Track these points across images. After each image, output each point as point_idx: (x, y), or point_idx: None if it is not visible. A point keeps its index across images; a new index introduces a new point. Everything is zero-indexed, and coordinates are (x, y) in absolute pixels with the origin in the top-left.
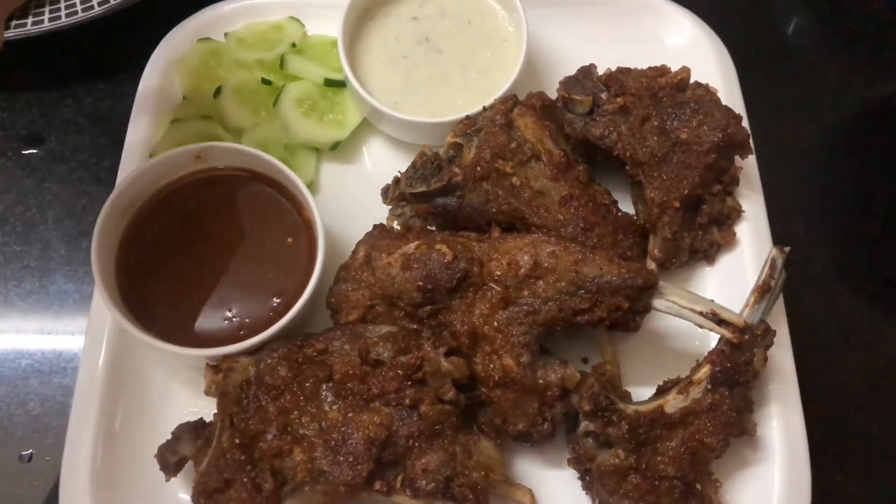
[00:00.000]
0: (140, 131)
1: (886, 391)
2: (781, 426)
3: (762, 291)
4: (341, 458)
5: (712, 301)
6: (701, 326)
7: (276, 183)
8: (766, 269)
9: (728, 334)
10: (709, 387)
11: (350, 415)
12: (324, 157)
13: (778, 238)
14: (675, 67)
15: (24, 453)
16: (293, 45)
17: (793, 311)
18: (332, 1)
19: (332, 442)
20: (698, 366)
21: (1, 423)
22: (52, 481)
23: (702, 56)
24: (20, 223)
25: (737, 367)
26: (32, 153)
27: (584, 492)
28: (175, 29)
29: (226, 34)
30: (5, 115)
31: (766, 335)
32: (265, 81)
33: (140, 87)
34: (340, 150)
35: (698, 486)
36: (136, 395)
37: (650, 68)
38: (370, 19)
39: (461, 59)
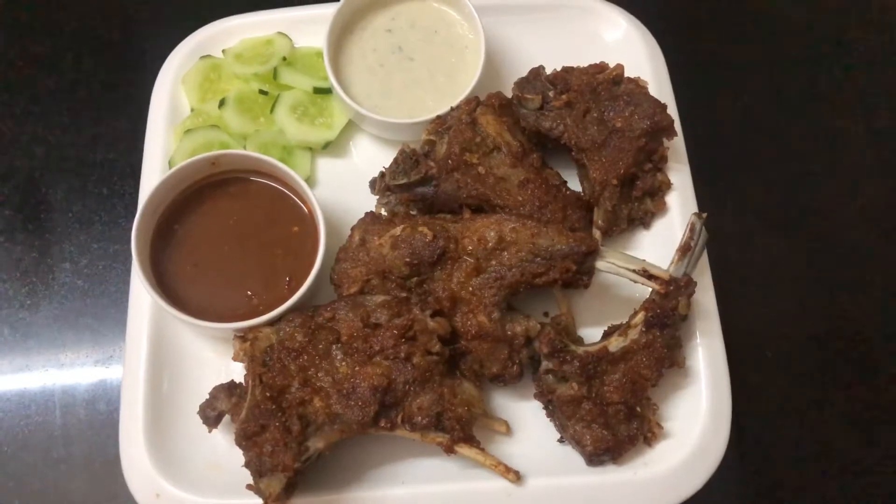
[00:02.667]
0: (157, 142)
1: (792, 321)
2: (706, 355)
3: (683, 250)
4: (352, 402)
5: (644, 260)
6: (635, 282)
7: (281, 180)
8: (687, 232)
9: (656, 286)
10: (643, 329)
11: (357, 368)
12: (317, 156)
13: (705, 202)
14: (613, 61)
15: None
16: (284, 58)
17: (718, 261)
18: (315, 16)
19: (344, 390)
20: (635, 313)
21: (69, 391)
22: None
23: (635, 49)
24: (74, 231)
25: (665, 312)
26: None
27: (548, 419)
28: (177, 48)
29: (223, 51)
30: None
31: (688, 286)
32: (262, 92)
33: (151, 103)
34: (331, 148)
35: (639, 409)
36: (176, 365)
37: (590, 66)
38: (350, 33)
39: (430, 65)
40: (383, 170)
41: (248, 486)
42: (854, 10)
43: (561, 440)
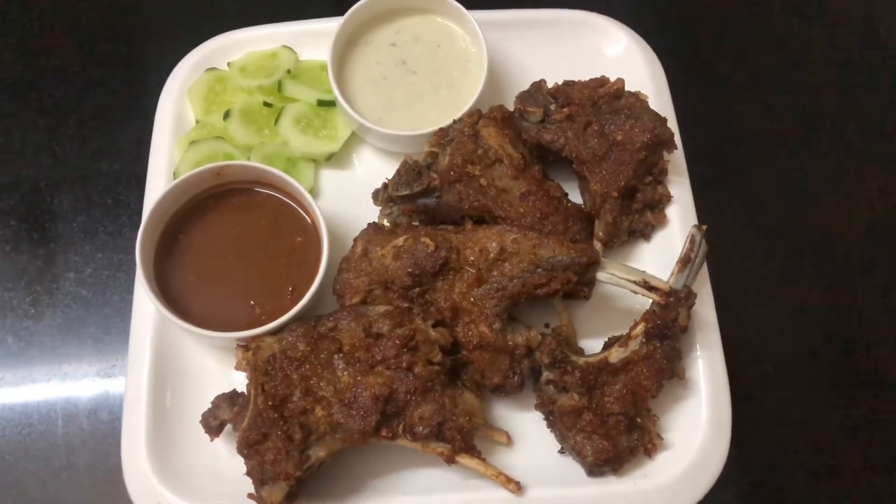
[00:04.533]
0: (161, 153)
1: (792, 334)
2: (706, 367)
3: (684, 262)
4: (354, 412)
5: (644, 272)
6: (636, 293)
7: (284, 191)
8: (687, 244)
9: (657, 298)
10: (644, 340)
11: (359, 378)
12: (321, 167)
13: (705, 215)
14: (613, 75)
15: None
16: (288, 71)
17: (718, 274)
18: (319, 30)
19: (346, 400)
20: (635, 324)
21: (72, 401)
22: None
23: (635, 64)
24: (78, 240)
25: (665, 323)
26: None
27: (548, 430)
28: (183, 61)
29: (228, 63)
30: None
31: (688, 297)
32: (266, 104)
33: (157, 115)
34: (334, 160)
35: (639, 420)
36: (178, 374)
37: (591, 80)
38: (354, 46)
39: (433, 78)
40: (386, 181)
41: (250, 495)
42: (853, 24)
43: (561, 451)
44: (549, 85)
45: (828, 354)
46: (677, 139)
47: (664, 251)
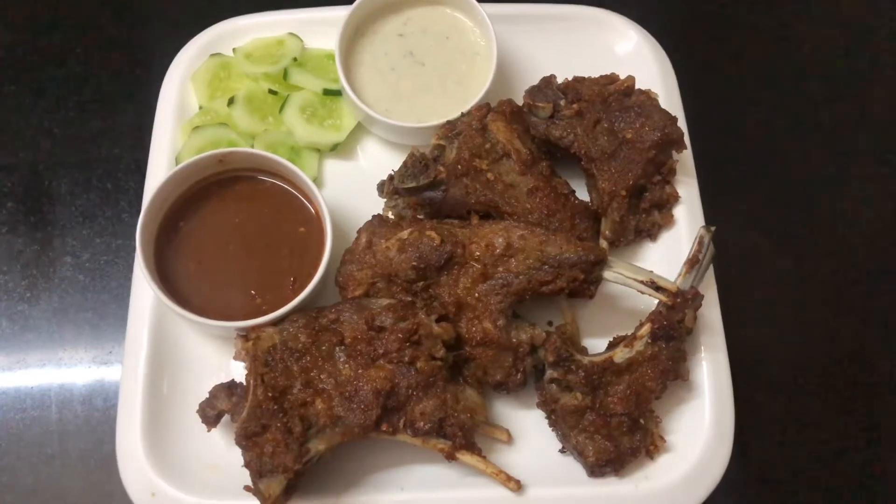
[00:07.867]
0: (164, 138)
1: (796, 339)
2: (710, 370)
3: (692, 263)
4: (354, 405)
5: (651, 272)
6: (642, 293)
7: (288, 180)
8: (695, 245)
9: (664, 298)
10: (649, 341)
11: (360, 371)
12: (325, 157)
13: (711, 217)
14: (623, 73)
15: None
16: (294, 59)
17: (723, 277)
18: (326, 19)
19: (347, 393)
20: (641, 324)
21: (66, 387)
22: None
23: (645, 62)
24: (76, 225)
25: (672, 324)
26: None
27: (550, 429)
28: (187, 45)
29: (234, 49)
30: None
31: (695, 299)
32: (272, 92)
33: (160, 99)
34: (339, 150)
35: (642, 421)
36: (175, 363)
37: (601, 76)
38: (362, 36)
39: (441, 71)
40: (392, 173)
41: (246, 488)
42: (865, 27)
43: (562, 450)
44: (559, 80)
45: (832, 359)
46: (686, 139)
47: (669, 251)
